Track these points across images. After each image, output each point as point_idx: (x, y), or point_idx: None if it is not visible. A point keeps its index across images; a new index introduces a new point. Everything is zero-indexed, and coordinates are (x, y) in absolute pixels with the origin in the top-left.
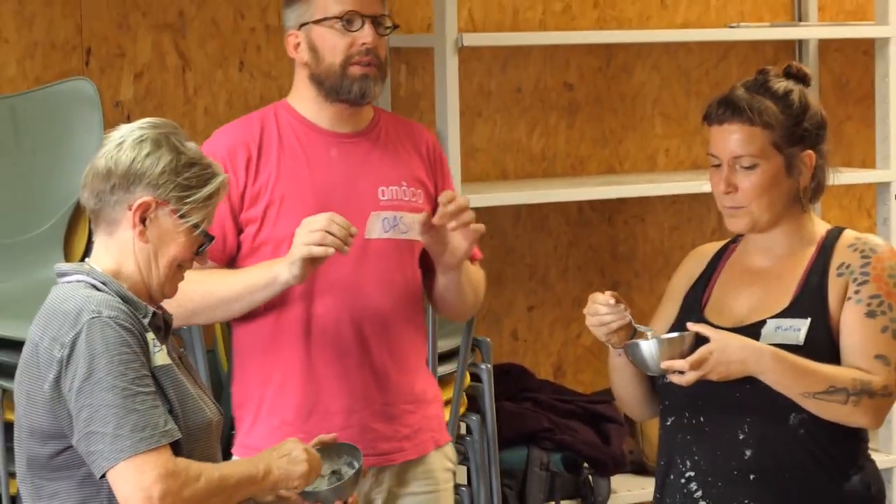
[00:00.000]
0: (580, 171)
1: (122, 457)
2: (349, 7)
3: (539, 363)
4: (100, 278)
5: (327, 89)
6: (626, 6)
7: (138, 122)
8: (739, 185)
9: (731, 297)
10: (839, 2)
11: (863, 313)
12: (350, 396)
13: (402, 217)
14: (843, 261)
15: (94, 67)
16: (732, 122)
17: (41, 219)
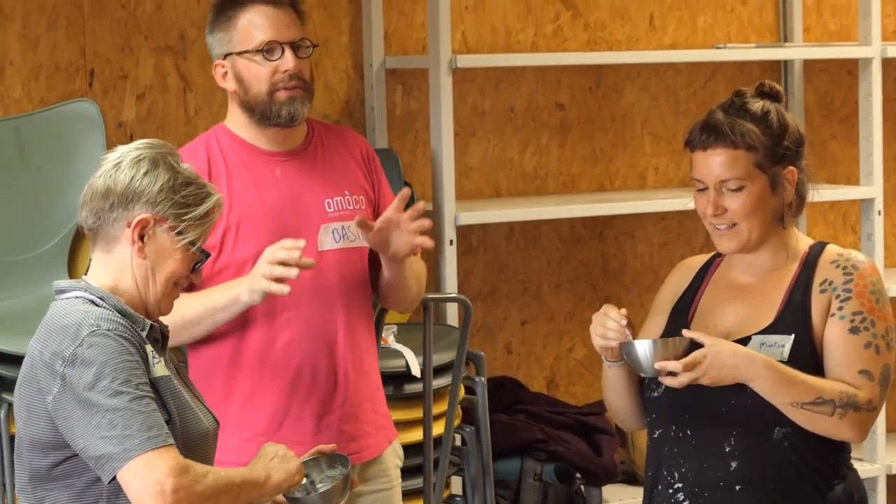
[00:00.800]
0: (572, 189)
1: (131, 455)
2: (267, 37)
3: (532, 376)
4: (97, 294)
5: (258, 116)
6: (615, 28)
7: (135, 143)
8: (728, 207)
9: (716, 311)
10: (823, 23)
11: (846, 329)
12: (319, 402)
13: (350, 226)
14: (825, 277)
15: (97, 89)
16: (716, 147)
17: (46, 237)
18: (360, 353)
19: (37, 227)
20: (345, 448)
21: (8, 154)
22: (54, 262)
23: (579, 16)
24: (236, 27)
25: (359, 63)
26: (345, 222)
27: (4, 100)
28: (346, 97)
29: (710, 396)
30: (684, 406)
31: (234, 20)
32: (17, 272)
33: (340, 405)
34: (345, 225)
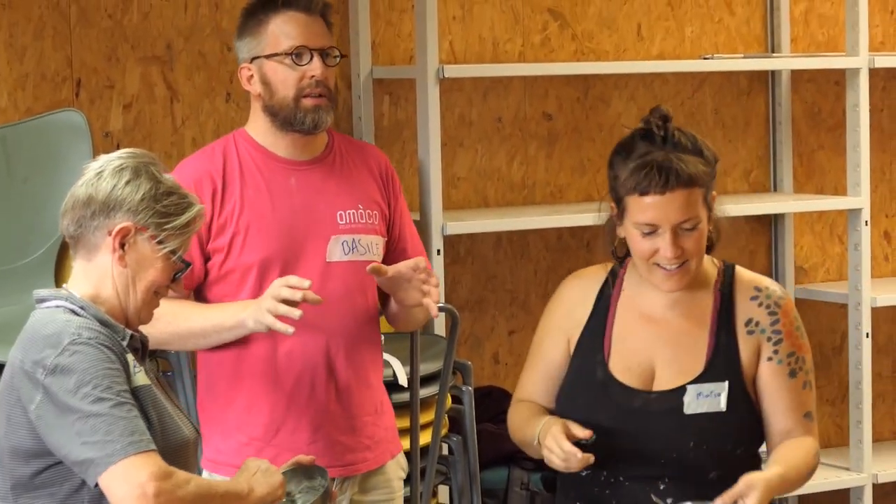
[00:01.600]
0: (559, 199)
1: (113, 460)
2: (298, 42)
3: None
4: (78, 303)
5: (281, 121)
6: (603, 38)
7: (117, 153)
8: (685, 247)
9: (637, 350)
10: (811, 34)
11: (786, 374)
12: (316, 412)
13: (360, 239)
14: (749, 316)
15: (83, 99)
16: (675, 189)
17: (32, 247)
18: (362, 366)
19: (23, 237)
20: (339, 459)
21: None
22: (41, 271)
23: (567, 26)
24: (266, 31)
25: (346, 73)
26: (356, 235)
27: None
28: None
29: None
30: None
31: (265, 24)
32: (4, 282)
33: (338, 417)
34: (355, 238)
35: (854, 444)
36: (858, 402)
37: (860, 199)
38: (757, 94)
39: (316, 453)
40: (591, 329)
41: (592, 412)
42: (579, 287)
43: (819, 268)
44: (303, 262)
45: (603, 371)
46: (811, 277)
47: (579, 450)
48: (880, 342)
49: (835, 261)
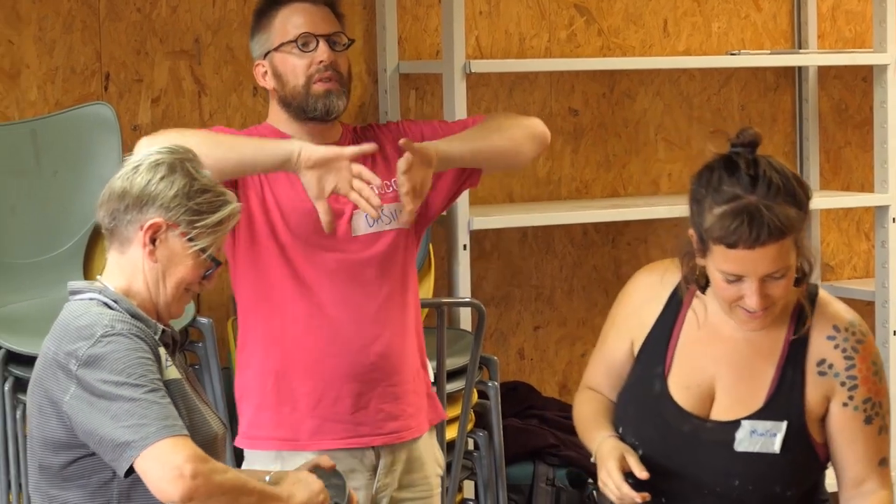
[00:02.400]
0: (585, 195)
1: (149, 442)
2: (302, 29)
3: (545, 381)
4: (111, 296)
5: (295, 110)
6: (629, 34)
7: (156, 147)
8: (772, 294)
9: (699, 369)
10: (838, 30)
11: (861, 420)
12: (357, 381)
13: (383, 209)
14: (823, 357)
15: (112, 92)
16: (768, 244)
17: (61, 239)
18: (398, 334)
19: (53, 229)
20: (382, 428)
21: (24, 157)
22: (70, 264)
23: (593, 21)
24: (273, 25)
25: (373, 68)
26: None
27: (21, 103)
28: (360, 102)
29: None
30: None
31: (272, 19)
32: (33, 274)
33: (379, 384)
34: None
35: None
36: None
37: (887, 195)
38: (784, 90)
39: (358, 422)
40: (657, 335)
41: (643, 425)
42: (650, 285)
43: (846, 265)
44: (328, 239)
45: (661, 385)
46: (838, 275)
47: (636, 495)
48: None
49: (861, 258)
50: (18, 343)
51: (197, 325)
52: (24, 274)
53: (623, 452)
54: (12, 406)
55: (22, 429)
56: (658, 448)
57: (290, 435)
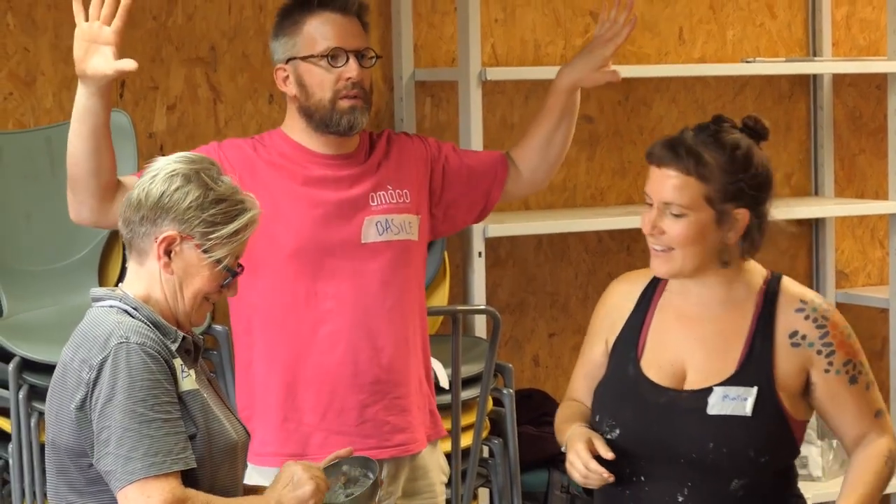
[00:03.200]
0: (600, 202)
1: (132, 479)
2: (333, 44)
3: (560, 388)
4: (131, 304)
5: (317, 122)
6: (644, 42)
7: (175, 156)
8: (666, 230)
9: (669, 349)
10: (852, 38)
11: (846, 382)
12: (362, 393)
13: (393, 219)
14: (795, 329)
15: (128, 99)
16: (670, 167)
17: (76, 247)
18: (403, 346)
19: (67, 237)
20: (388, 440)
21: (39, 164)
22: (85, 271)
23: None
24: (302, 32)
25: (389, 75)
26: (388, 215)
27: (36, 110)
28: (377, 109)
29: (671, 447)
30: (641, 453)
31: (301, 25)
32: (48, 282)
33: (384, 396)
34: (388, 218)
35: None
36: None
37: None
38: (798, 97)
39: (364, 434)
40: (629, 327)
41: (620, 407)
42: (623, 289)
43: (860, 272)
44: (339, 245)
45: (634, 367)
46: (852, 282)
47: (603, 470)
48: None
49: (876, 265)
50: (33, 351)
51: (212, 333)
52: (39, 281)
53: (590, 436)
54: (27, 414)
55: (37, 437)
56: (635, 425)
57: (298, 450)
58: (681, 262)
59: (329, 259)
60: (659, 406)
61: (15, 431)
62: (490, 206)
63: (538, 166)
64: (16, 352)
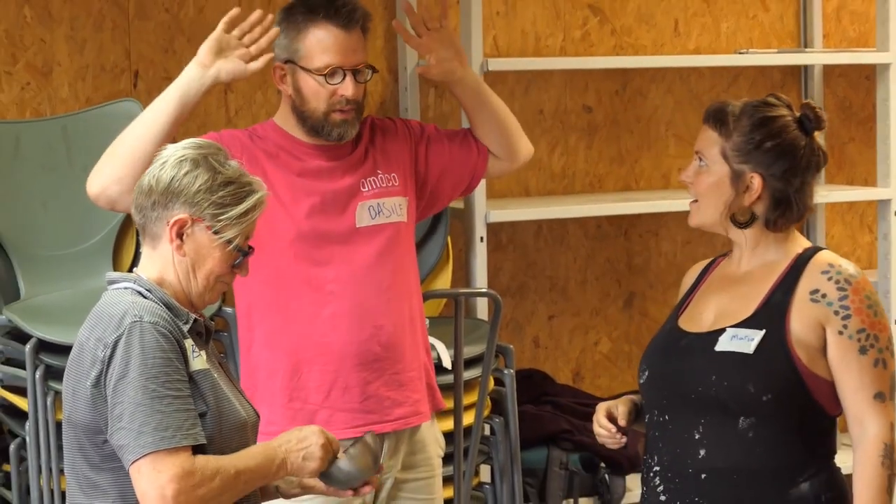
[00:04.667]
0: (598, 189)
1: (143, 453)
2: (332, 62)
3: (559, 369)
4: (145, 286)
5: (308, 127)
6: (641, 33)
7: (183, 143)
8: (693, 180)
9: (704, 304)
10: (843, 30)
11: (856, 350)
12: (365, 370)
13: (384, 203)
14: (816, 287)
15: (141, 89)
16: (707, 123)
17: (91, 232)
18: (401, 323)
19: (83, 222)
20: (390, 414)
21: (55, 152)
22: (99, 256)
23: (606, 21)
24: (304, 41)
25: (393, 66)
26: (380, 199)
27: (52, 99)
28: (381, 99)
29: (680, 382)
30: (661, 392)
31: (304, 33)
32: (65, 266)
33: (384, 373)
34: (380, 202)
35: None
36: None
37: (889, 189)
38: (790, 88)
39: (367, 410)
40: (684, 296)
41: (652, 353)
42: (690, 274)
43: (849, 257)
44: (335, 230)
45: (673, 323)
46: None
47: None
48: None
49: (865, 250)
50: (49, 332)
51: (222, 315)
52: (55, 266)
53: (619, 403)
54: (43, 393)
55: (53, 415)
56: (657, 366)
57: None
58: (702, 214)
59: (326, 245)
60: (679, 348)
61: (32, 410)
62: (475, 181)
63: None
64: (33, 333)
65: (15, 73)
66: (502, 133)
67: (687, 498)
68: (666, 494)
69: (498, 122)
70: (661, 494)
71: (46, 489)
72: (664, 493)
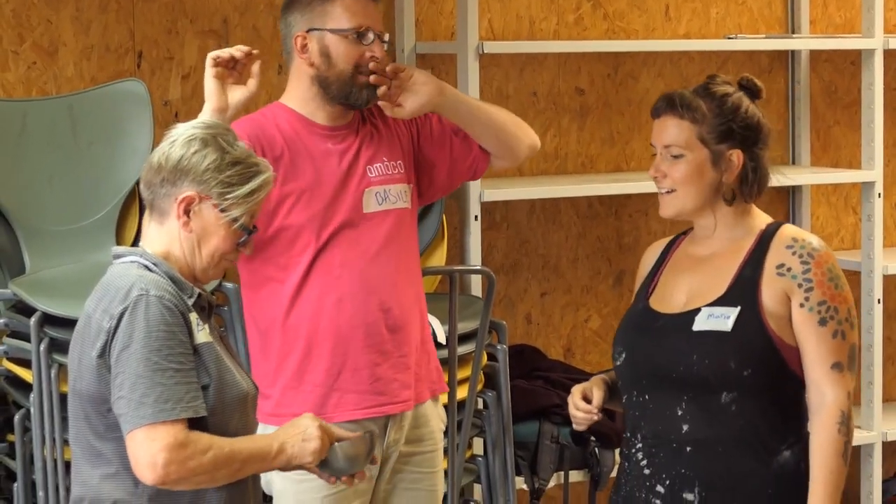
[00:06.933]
0: (590, 169)
1: (141, 423)
2: (364, 22)
3: (550, 344)
4: (151, 260)
5: (334, 92)
6: (633, 18)
7: (192, 122)
8: (668, 173)
9: (673, 284)
10: (829, 16)
11: (816, 321)
12: (373, 353)
13: (390, 189)
14: (782, 261)
15: (145, 69)
16: (667, 115)
17: (95, 208)
18: (408, 307)
19: (87, 198)
20: (397, 396)
21: (61, 130)
22: (103, 231)
23: (599, 6)
24: (332, 5)
25: (392, 48)
26: (386, 186)
27: (58, 79)
28: None
29: (661, 363)
30: (640, 373)
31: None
32: (69, 241)
33: (393, 356)
34: (386, 188)
35: (865, 403)
36: (870, 364)
37: (874, 172)
38: (777, 72)
39: (376, 392)
40: (649, 276)
41: (626, 335)
42: (650, 253)
43: (834, 237)
44: (343, 215)
45: (644, 303)
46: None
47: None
48: (891, 308)
49: (849, 231)
50: (54, 306)
51: (223, 290)
52: (60, 240)
53: (593, 385)
54: (47, 365)
55: (57, 387)
56: (634, 348)
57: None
58: (682, 202)
59: (335, 229)
60: (655, 329)
61: (36, 382)
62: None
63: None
64: (37, 306)
65: (21, 52)
66: (499, 139)
67: (673, 470)
68: (650, 468)
69: (492, 131)
70: (644, 468)
71: (50, 459)
72: (648, 467)
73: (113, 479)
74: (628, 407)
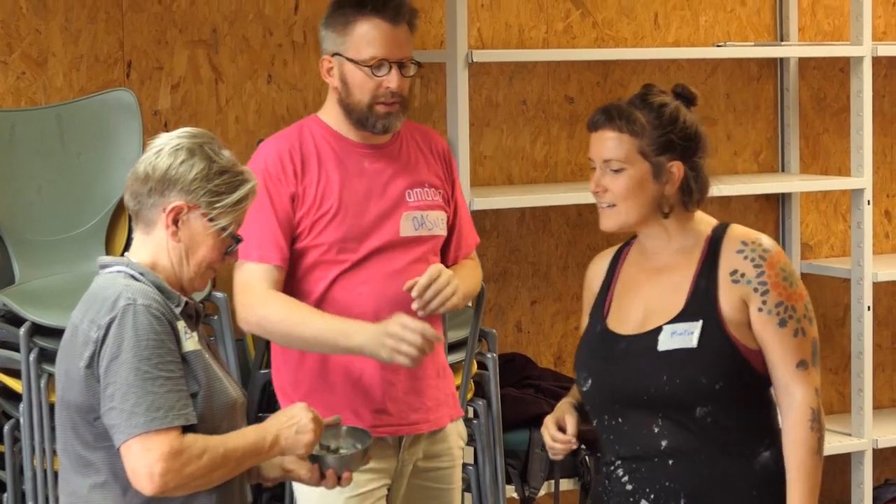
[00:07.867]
0: (579, 177)
1: (134, 433)
2: (378, 54)
3: (540, 353)
4: (137, 270)
5: (354, 119)
6: (622, 26)
7: (178, 132)
8: (608, 187)
9: (628, 302)
10: (818, 23)
11: (775, 324)
12: (387, 374)
13: (428, 215)
14: (735, 267)
15: (134, 79)
16: (605, 129)
17: (85, 217)
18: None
19: (76, 208)
20: (405, 419)
21: (50, 139)
22: (93, 241)
23: (588, 14)
24: (351, 34)
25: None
26: (424, 212)
27: (47, 89)
28: None
29: (631, 388)
30: (610, 399)
31: (351, 26)
32: (59, 251)
33: (406, 379)
34: (423, 214)
35: (855, 411)
36: (860, 371)
37: (863, 179)
38: (766, 80)
39: (387, 412)
40: (600, 294)
41: (589, 361)
42: (596, 268)
43: (824, 244)
44: (378, 237)
45: (601, 325)
46: (816, 253)
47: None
48: (880, 315)
49: (839, 238)
50: (43, 316)
51: (212, 300)
52: (49, 250)
53: (565, 413)
54: (37, 375)
55: (46, 397)
56: (601, 374)
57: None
58: (624, 215)
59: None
60: (619, 352)
61: (26, 391)
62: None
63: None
64: (27, 317)
65: (11, 62)
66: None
67: (657, 483)
68: (633, 484)
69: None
70: (626, 484)
71: (40, 469)
72: (630, 483)
73: (102, 488)
74: (601, 431)
